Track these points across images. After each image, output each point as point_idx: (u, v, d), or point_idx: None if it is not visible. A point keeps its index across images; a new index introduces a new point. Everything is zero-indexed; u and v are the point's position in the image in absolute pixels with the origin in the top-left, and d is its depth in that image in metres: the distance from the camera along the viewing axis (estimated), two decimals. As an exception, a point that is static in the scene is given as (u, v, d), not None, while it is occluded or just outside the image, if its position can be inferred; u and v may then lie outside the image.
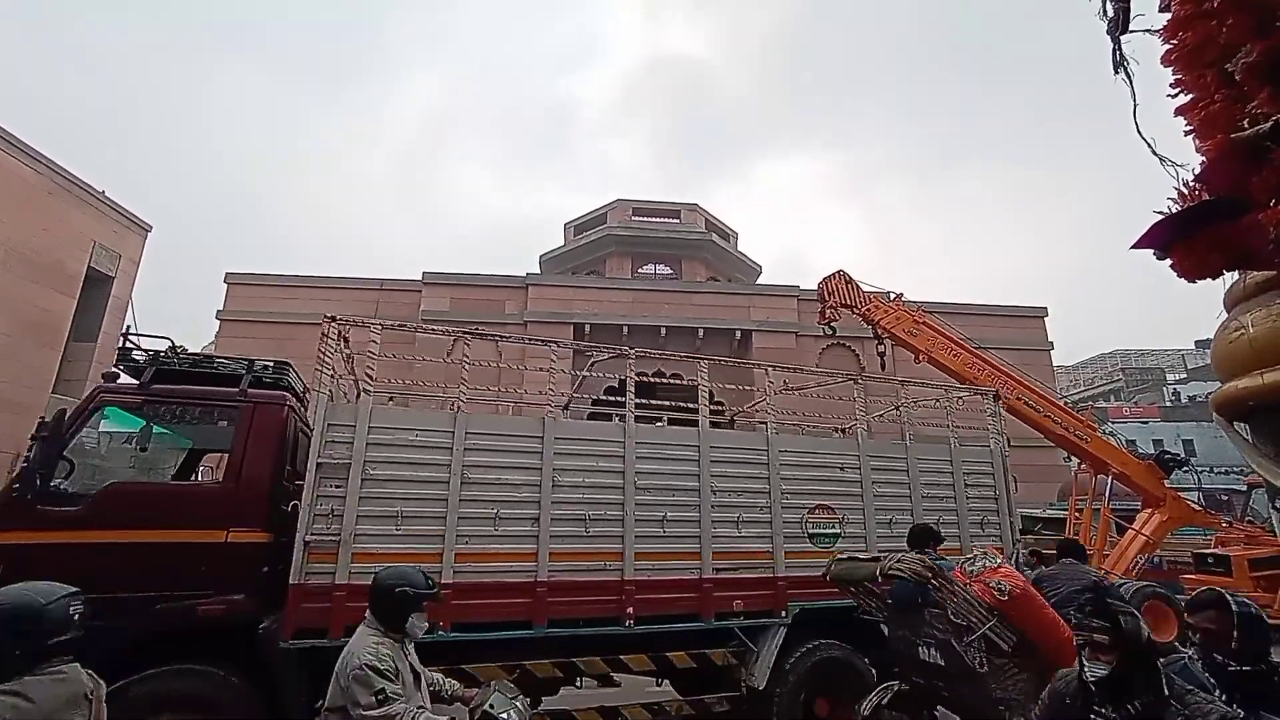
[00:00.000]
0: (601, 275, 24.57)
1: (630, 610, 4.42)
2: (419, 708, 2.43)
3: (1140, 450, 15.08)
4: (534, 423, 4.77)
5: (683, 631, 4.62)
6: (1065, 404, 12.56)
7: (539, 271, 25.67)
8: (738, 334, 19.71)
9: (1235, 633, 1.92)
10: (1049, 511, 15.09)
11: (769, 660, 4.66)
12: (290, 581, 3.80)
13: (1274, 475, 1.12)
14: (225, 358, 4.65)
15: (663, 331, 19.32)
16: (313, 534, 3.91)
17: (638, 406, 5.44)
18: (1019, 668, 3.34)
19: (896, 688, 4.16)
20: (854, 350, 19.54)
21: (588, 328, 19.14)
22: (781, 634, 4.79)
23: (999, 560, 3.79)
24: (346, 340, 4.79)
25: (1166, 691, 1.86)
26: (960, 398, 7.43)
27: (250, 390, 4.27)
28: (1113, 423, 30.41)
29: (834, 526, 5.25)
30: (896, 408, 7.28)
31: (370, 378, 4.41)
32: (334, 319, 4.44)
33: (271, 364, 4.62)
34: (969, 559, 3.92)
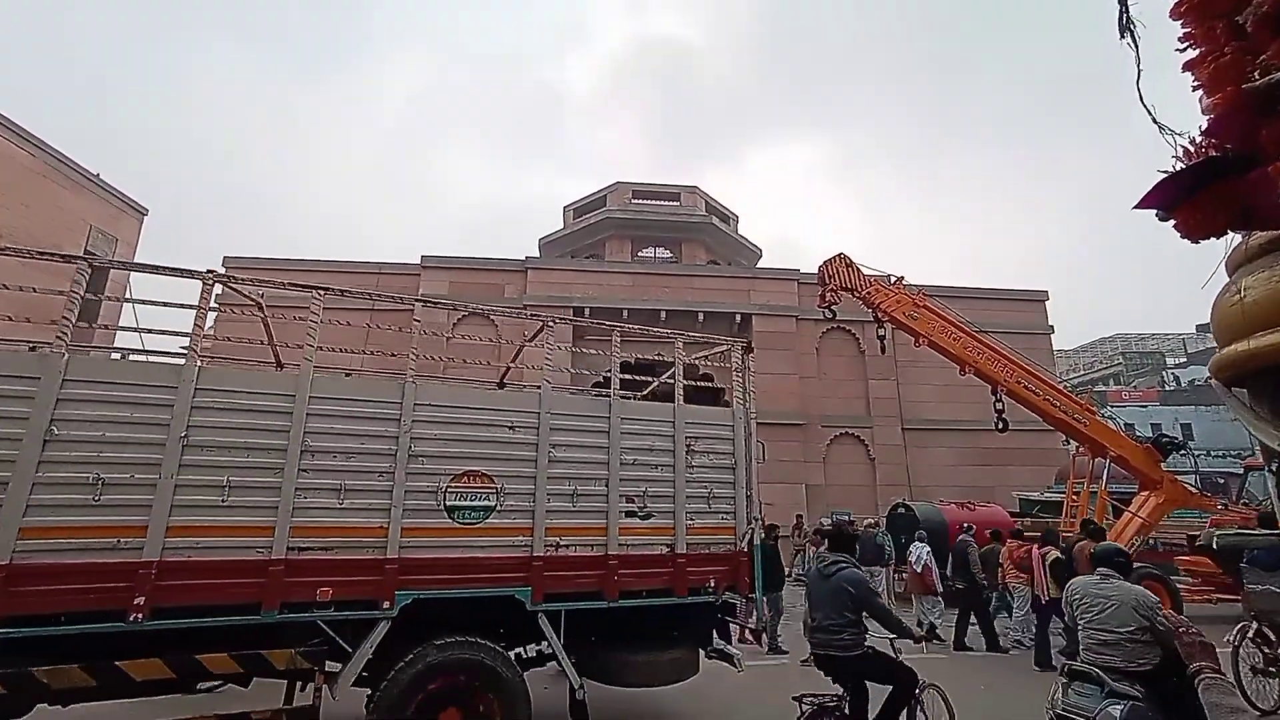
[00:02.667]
0: (601, 258, 24.46)
1: (140, 601, 3.43)
2: None
3: (1139, 434, 15.12)
4: (26, 360, 3.71)
5: (239, 628, 3.65)
6: (1065, 388, 12.57)
7: (538, 255, 25.55)
8: (738, 317, 19.67)
9: None
10: (1047, 494, 15.19)
11: (359, 664, 3.83)
12: None
13: (1270, 437, 1.11)
14: None
15: (662, 315, 19.27)
16: None
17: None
18: None
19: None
20: (854, 334, 19.53)
21: (587, 311, 19.08)
22: (383, 630, 3.90)
23: None
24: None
25: None
26: (719, 353, 6.34)
27: None
28: (1112, 406, 30.49)
29: (488, 498, 4.36)
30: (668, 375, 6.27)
31: None
32: None
33: None
34: None
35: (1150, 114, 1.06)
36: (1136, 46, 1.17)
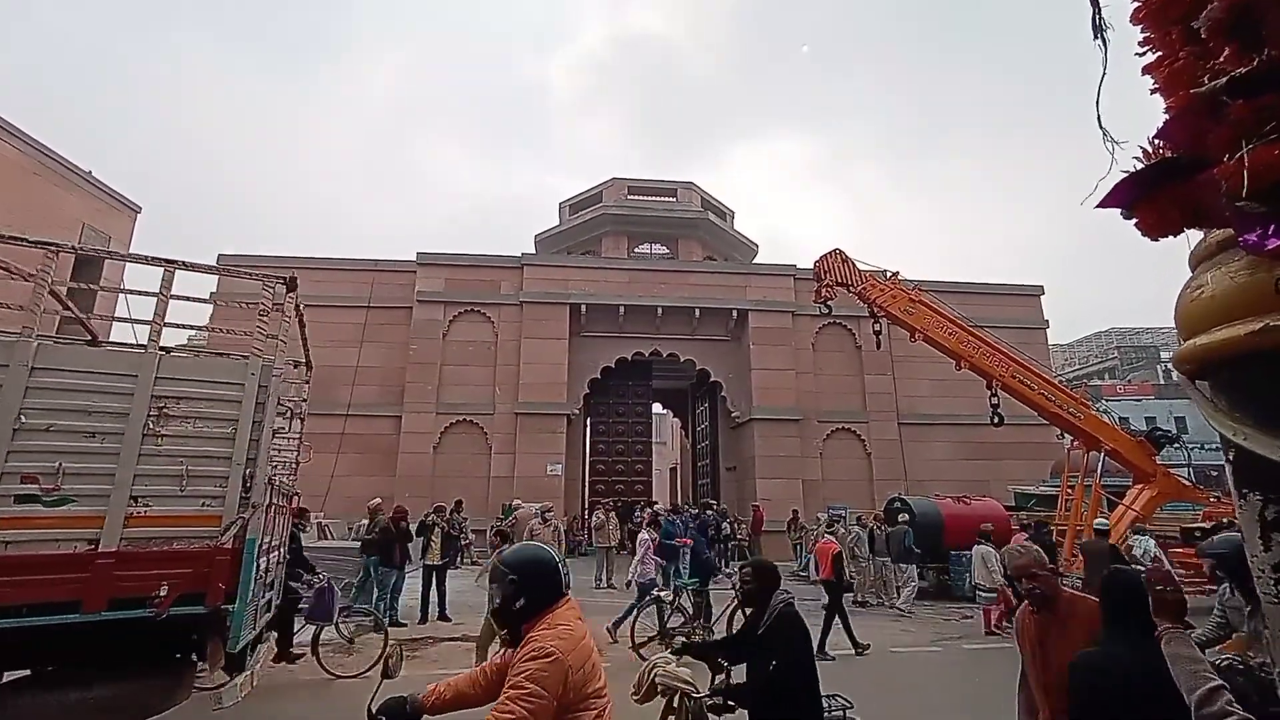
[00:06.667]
0: (597, 255, 24.45)
1: None
2: None
3: (1133, 427, 15.21)
4: None
5: None
6: (1060, 382, 12.63)
7: (534, 251, 25.52)
8: (734, 313, 19.69)
9: None
10: (1042, 488, 15.29)
11: None
12: None
13: (1226, 428, 1.13)
14: None
15: (659, 311, 19.29)
16: None
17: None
18: None
19: None
20: (850, 329, 19.57)
21: (584, 308, 19.10)
22: None
23: None
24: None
25: None
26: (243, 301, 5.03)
27: None
28: (1106, 400, 30.61)
29: None
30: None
31: None
32: None
33: None
34: None
35: (1098, 120, 1.08)
36: (1106, 47, 1.19)
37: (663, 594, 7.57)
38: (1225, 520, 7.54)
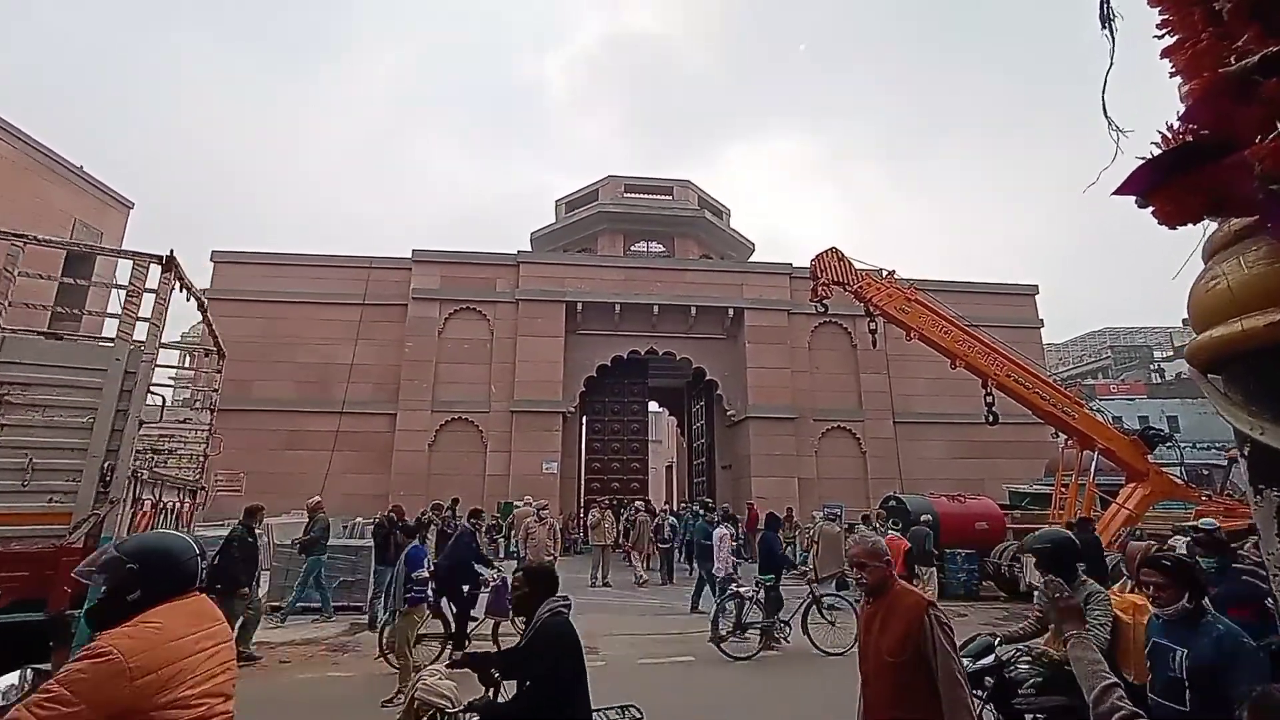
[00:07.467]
0: (593, 253, 24.38)
1: None
2: None
3: (1126, 426, 15.28)
4: None
5: None
6: (1054, 381, 12.68)
7: (530, 249, 25.42)
8: (730, 312, 19.67)
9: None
10: (1036, 487, 15.35)
11: None
12: None
13: (1241, 421, 1.11)
14: None
15: (655, 309, 19.25)
16: None
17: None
18: None
19: None
20: (846, 328, 19.60)
21: (580, 306, 19.04)
22: None
23: None
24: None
25: None
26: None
27: None
28: (1100, 399, 30.75)
29: None
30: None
31: None
32: None
33: None
34: None
35: (1104, 109, 1.06)
36: (1114, 38, 1.17)
37: (742, 589, 7.66)
38: (1248, 524, 7.56)
